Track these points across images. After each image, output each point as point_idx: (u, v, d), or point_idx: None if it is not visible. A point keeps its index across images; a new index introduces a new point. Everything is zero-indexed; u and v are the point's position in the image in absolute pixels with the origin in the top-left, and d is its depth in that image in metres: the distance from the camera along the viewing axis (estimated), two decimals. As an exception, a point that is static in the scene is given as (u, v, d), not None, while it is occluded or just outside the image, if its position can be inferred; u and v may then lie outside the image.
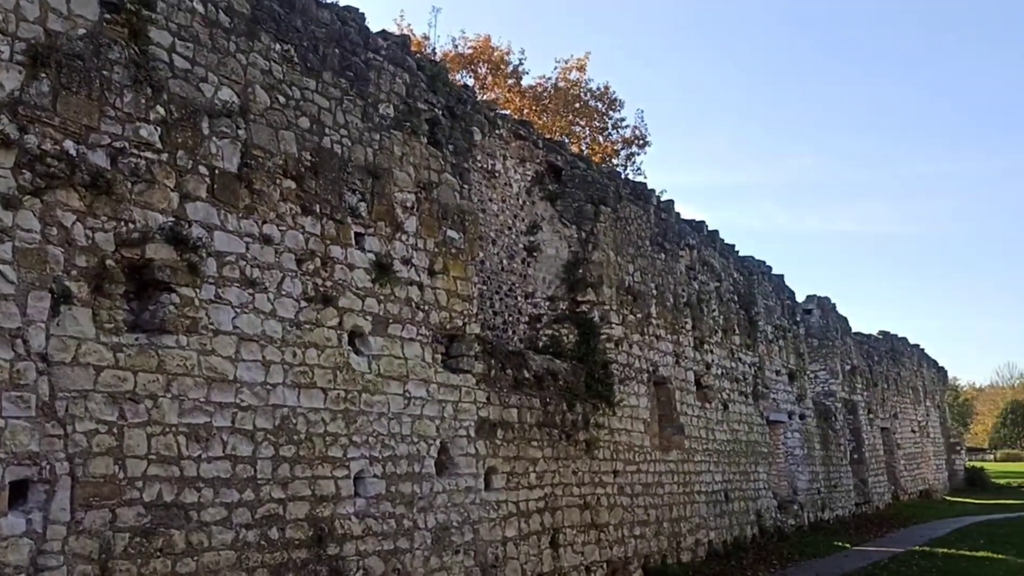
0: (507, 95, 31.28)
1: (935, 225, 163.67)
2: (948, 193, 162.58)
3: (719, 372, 17.52)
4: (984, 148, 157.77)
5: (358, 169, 9.05)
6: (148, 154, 6.96)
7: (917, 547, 18.74)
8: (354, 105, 9.13)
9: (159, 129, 7.06)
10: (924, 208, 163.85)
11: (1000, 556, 17.18)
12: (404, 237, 9.57)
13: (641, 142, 33.74)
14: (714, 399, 17.05)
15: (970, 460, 52.04)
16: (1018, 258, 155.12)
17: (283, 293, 8.02)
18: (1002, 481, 46.82)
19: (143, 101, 6.96)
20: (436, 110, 10.38)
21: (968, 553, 17.64)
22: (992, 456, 75.86)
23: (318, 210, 8.50)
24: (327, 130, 8.74)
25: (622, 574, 12.87)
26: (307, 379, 8.12)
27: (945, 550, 18.13)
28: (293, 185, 8.26)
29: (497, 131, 13.16)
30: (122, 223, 6.73)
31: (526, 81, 32.68)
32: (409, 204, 9.70)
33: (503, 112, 14.67)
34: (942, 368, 42.98)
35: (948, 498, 36.27)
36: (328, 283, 8.51)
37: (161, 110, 7.10)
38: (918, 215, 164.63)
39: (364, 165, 9.13)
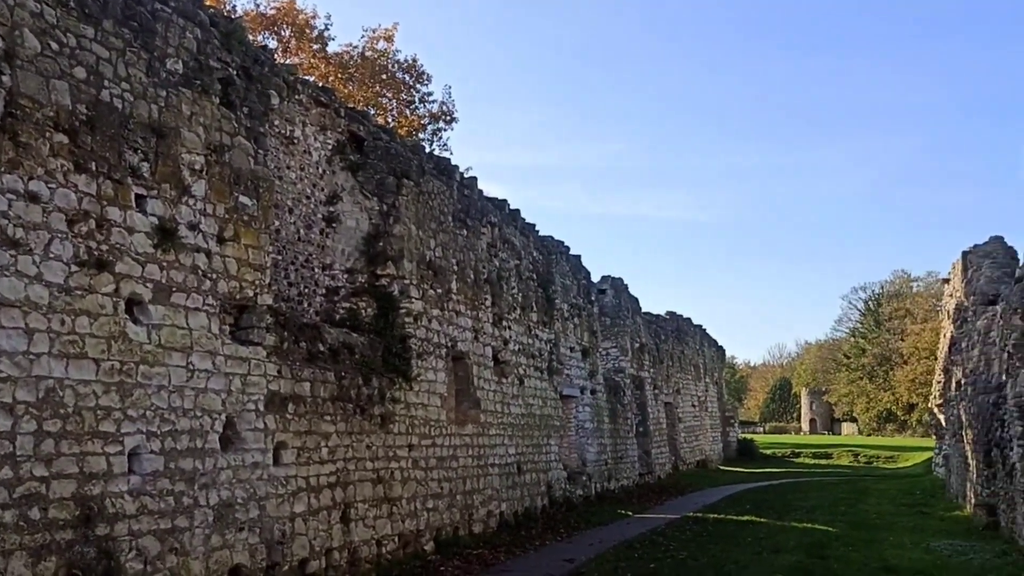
0: (312, 60, 30.41)
1: (721, 214, 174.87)
2: (736, 185, 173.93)
3: (516, 348, 17.93)
4: (767, 144, 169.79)
5: (141, 126, 8.48)
6: None
7: (691, 513, 20.10)
8: (138, 58, 8.53)
9: (-97, 67, 6.30)
10: (714, 197, 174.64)
11: (762, 520, 18.74)
12: (191, 201, 9.08)
13: (448, 118, 33.85)
14: (510, 374, 17.43)
15: (742, 432, 56.36)
16: (792, 247, 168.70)
17: (51, 256, 7.41)
18: (769, 451, 51.09)
19: None
20: (230, 70, 9.89)
21: (735, 517, 19.11)
22: (762, 429, 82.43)
23: (94, 168, 7.90)
24: (106, 83, 8.12)
25: (414, 546, 12.95)
26: (77, 349, 7.57)
27: (715, 515, 19.56)
28: (65, 140, 7.63)
29: (297, 96, 12.74)
30: None
31: (332, 48, 31.94)
32: (198, 167, 9.21)
33: (304, 77, 14.21)
34: (721, 347, 46.11)
35: (722, 468, 39.12)
36: (104, 247, 7.94)
37: (-94, 46, 6.34)
38: (708, 204, 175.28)
39: (148, 123, 8.57)
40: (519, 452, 17.46)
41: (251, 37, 14.08)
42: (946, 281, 31.81)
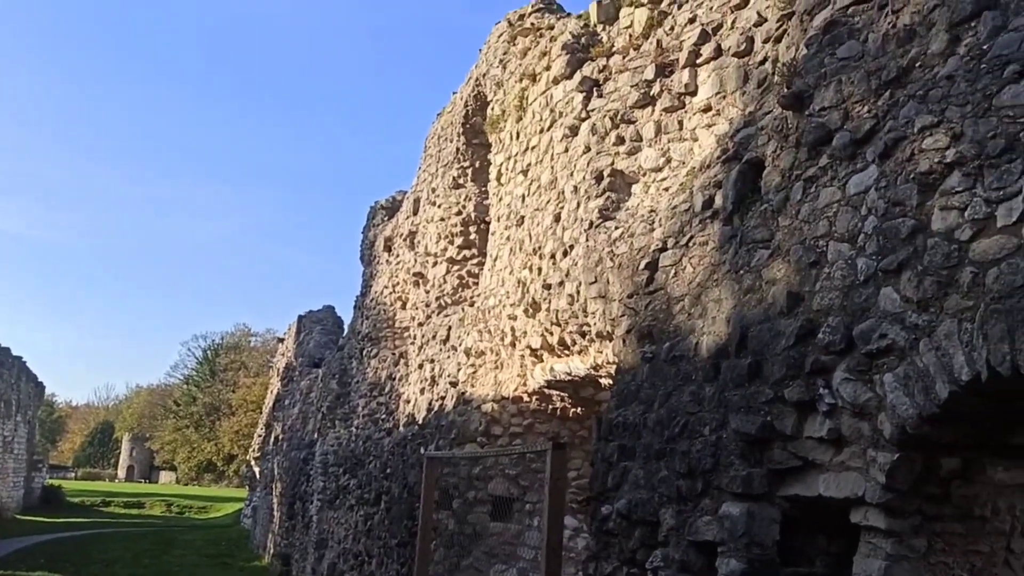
0: None
1: (63, 236, 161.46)
2: (80, 207, 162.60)
3: None
4: (120, 170, 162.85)
5: None
6: None
7: (-30, 571, 17.67)
8: None
9: None
10: (55, 217, 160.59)
11: (57, 575, 17.31)
12: None
13: None
14: None
15: (52, 478, 51.92)
16: (127, 282, 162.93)
17: None
18: (78, 500, 47.82)
19: None
20: None
21: (26, 573, 17.36)
22: (74, 474, 76.99)
23: None
24: None
25: None
26: None
27: (1, 572, 17.52)
28: None
29: None
30: None
31: None
32: None
33: None
34: (41, 383, 42.17)
35: (20, 516, 35.49)
36: None
37: None
38: (49, 223, 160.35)
39: None
40: None
41: None
42: (281, 340, 33.86)
